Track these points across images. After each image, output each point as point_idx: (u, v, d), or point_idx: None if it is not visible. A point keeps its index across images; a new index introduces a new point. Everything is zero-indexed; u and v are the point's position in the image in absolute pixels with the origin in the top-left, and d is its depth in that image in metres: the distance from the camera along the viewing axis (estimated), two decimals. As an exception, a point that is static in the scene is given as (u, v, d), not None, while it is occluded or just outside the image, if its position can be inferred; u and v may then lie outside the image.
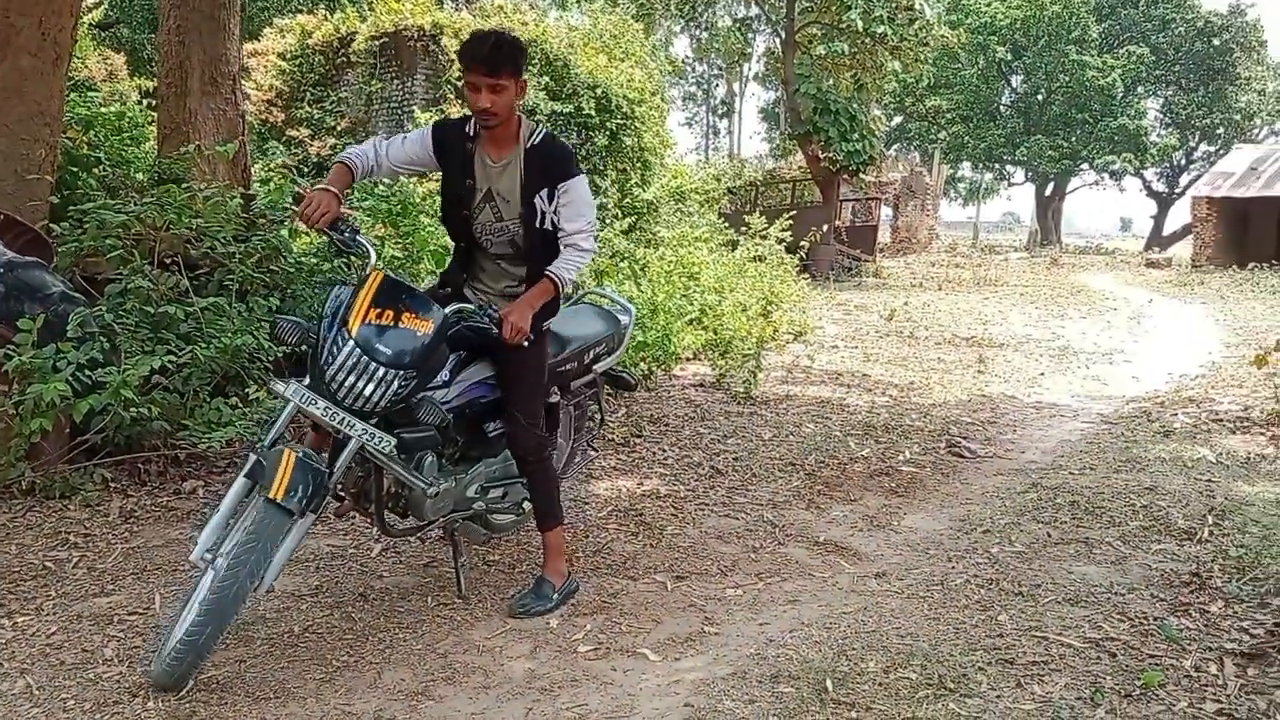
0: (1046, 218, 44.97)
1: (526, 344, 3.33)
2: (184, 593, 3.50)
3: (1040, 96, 41.26)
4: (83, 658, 3.15)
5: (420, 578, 3.94)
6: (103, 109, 7.06)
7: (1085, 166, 42.41)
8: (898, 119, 42.60)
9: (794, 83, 20.55)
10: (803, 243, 13.24)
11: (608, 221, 12.66)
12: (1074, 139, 40.01)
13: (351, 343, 3.05)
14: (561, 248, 3.47)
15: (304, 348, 3.22)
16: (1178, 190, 43.93)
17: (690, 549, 4.35)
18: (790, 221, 13.68)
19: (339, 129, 13.73)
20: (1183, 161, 44.02)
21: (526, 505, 3.87)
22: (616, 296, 4.55)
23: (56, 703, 2.89)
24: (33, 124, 5.21)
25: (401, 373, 3.07)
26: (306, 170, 11.18)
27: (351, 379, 3.04)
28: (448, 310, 3.25)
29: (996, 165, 45.27)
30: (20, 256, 4.47)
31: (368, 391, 3.05)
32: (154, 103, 7.17)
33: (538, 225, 3.46)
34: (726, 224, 15.96)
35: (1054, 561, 4.22)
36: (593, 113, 13.20)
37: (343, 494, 3.42)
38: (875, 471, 5.62)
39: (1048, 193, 45.05)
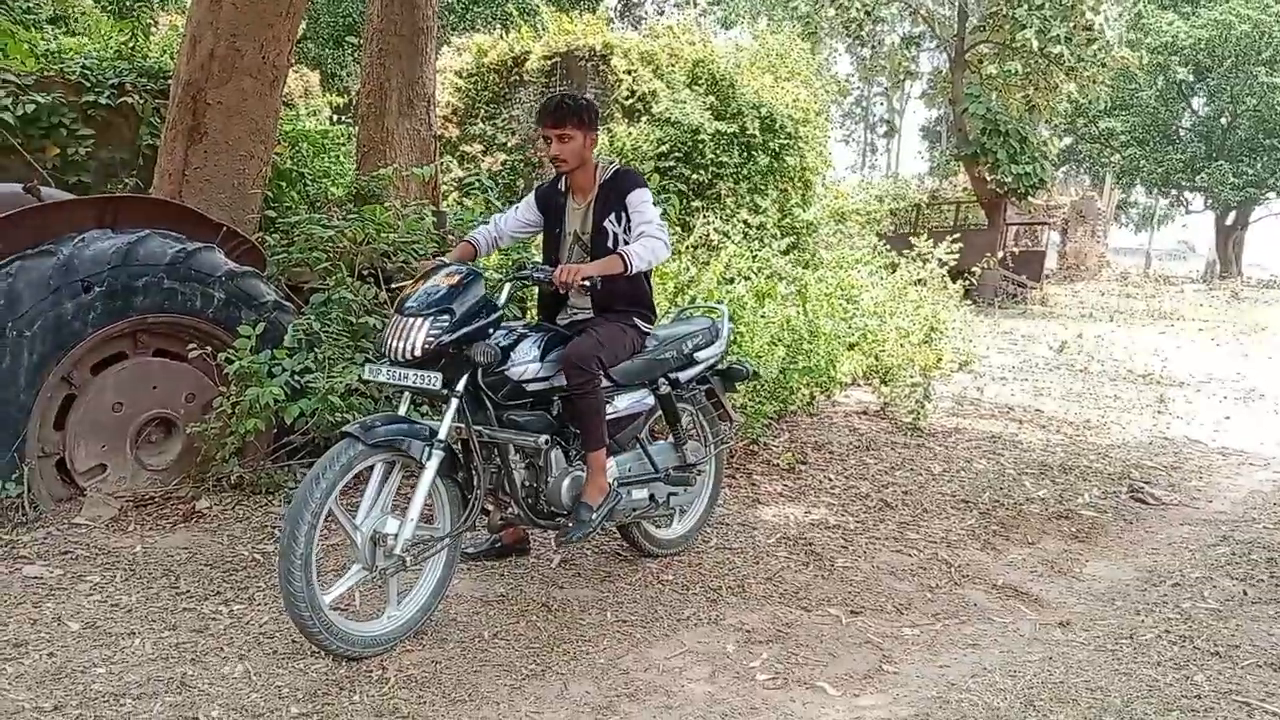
0: (1226, 248, 42.32)
1: (585, 285, 3.61)
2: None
3: (1224, 120, 38.90)
4: (293, 647, 3.36)
5: (598, 591, 4.04)
6: (305, 127, 7.51)
7: (1272, 195, 39.75)
8: (1068, 140, 40.96)
9: (962, 102, 20.06)
10: (973, 269, 12.87)
11: (766, 241, 12.66)
12: (1260, 165, 37.54)
13: (396, 315, 3.44)
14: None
15: None
16: (1378, 222, 40.62)
17: (863, 583, 4.31)
18: (957, 244, 13.37)
19: (510, 145, 14.18)
20: (1385, 192, 40.74)
21: (679, 506, 4.31)
22: (709, 305, 5.08)
23: (272, 689, 3.10)
24: (250, 141, 5.63)
25: (431, 315, 3.33)
26: (481, 185, 11.58)
27: (397, 341, 3.34)
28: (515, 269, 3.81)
29: (1173, 191, 42.93)
30: (239, 266, 4.81)
31: (410, 341, 3.31)
32: (347, 120, 7.60)
33: (609, 246, 3.83)
34: (887, 246, 15.69)
35: (1252, 621, 3.99)
36: (756, 132, 13.20)
37: (490, 506, 3.81)
38: (1053, 514, 5.44)
39: (1229, 222, 42.39)
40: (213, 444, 4.60)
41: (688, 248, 11.51)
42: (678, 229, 11.94)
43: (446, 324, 3.33)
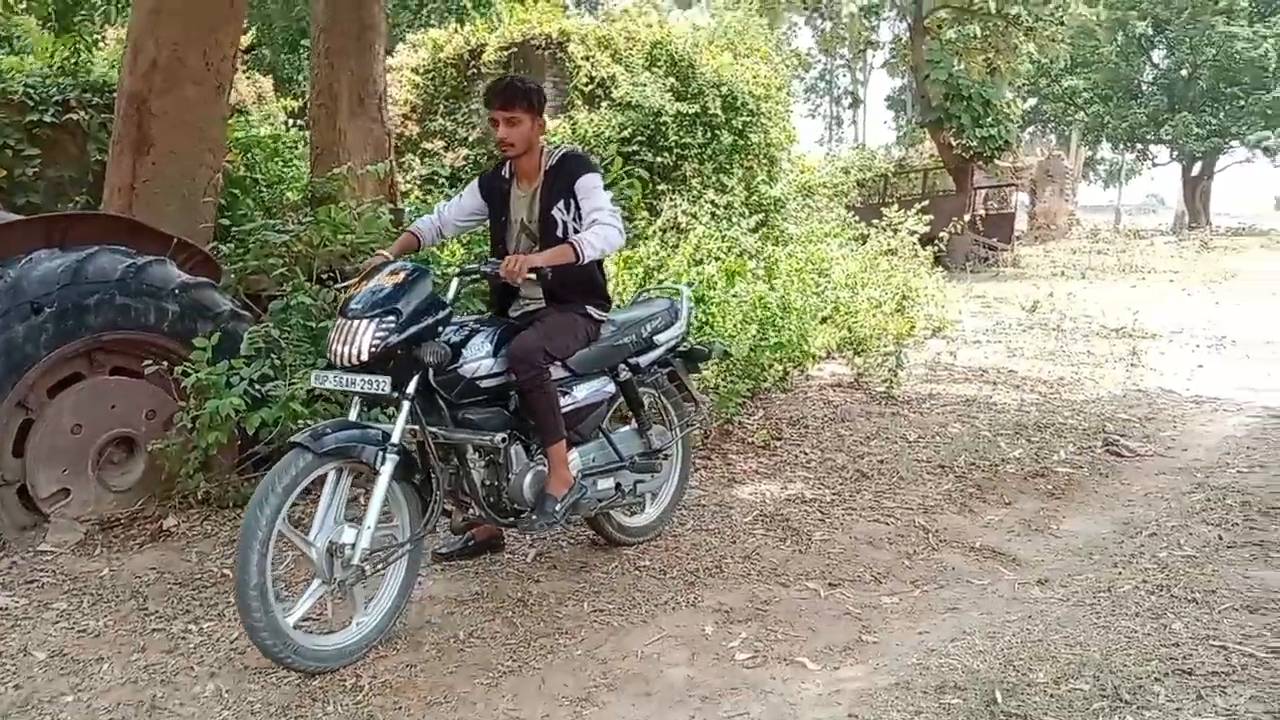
0: (1194, 199, 42.62)
1: (531, 277, 3.51)
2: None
3: (1185, 72, 39.13)
4: (264, 663, 3.29)
5: (575, 582, 4.01)
6: (258, 133, 7.41)
7: (1236, 144, 40.01)
8: (1032, 101, 41.07)
9: (924, 69, 20.05)
10: (940, 234, 12.88)
11: (734, 220, 12.63)
12: (1223, 115, 37.78)
13: (340, 318, 3.34)
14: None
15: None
16: (1342, 163, 40.96)
17: (841, 555, 4.30)
18: (925, 213, 13.37)
19: (471, 140, 14.07)
20: (1347, 132, 41.06)
21: (648, 493, 4.29)
22: (669, 286, 5.07)
23: (244, 705, 3.06)
24: (198, 150, 5.54)
25: (377, 316, 3.23)
26: (441, 180, 11.48)
27: (341, 345, 3.25)
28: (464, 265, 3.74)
29: (1139, 146, 43.15)
30: (192, 277, 4.73)
31: (356, 344, 3.21)
32: (301, 123, 7.50)
33: (559, 235, 3.73)
34: (856, 218, 15.69)
35: (1228, 566, 4.00)
36: (719, 111, 13.14)
37: (450, 508, 3.75)
38: (1029, 473, 5.44)
39: (1195, 172, 42.67)
40: (175, 460, 4.53)
41: (655, 231, 11.47)
42: (645, 213, 11.91)
43: (393, 324, 3.24)
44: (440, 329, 3.44)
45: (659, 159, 12.74)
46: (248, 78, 10.12)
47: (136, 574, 4.06)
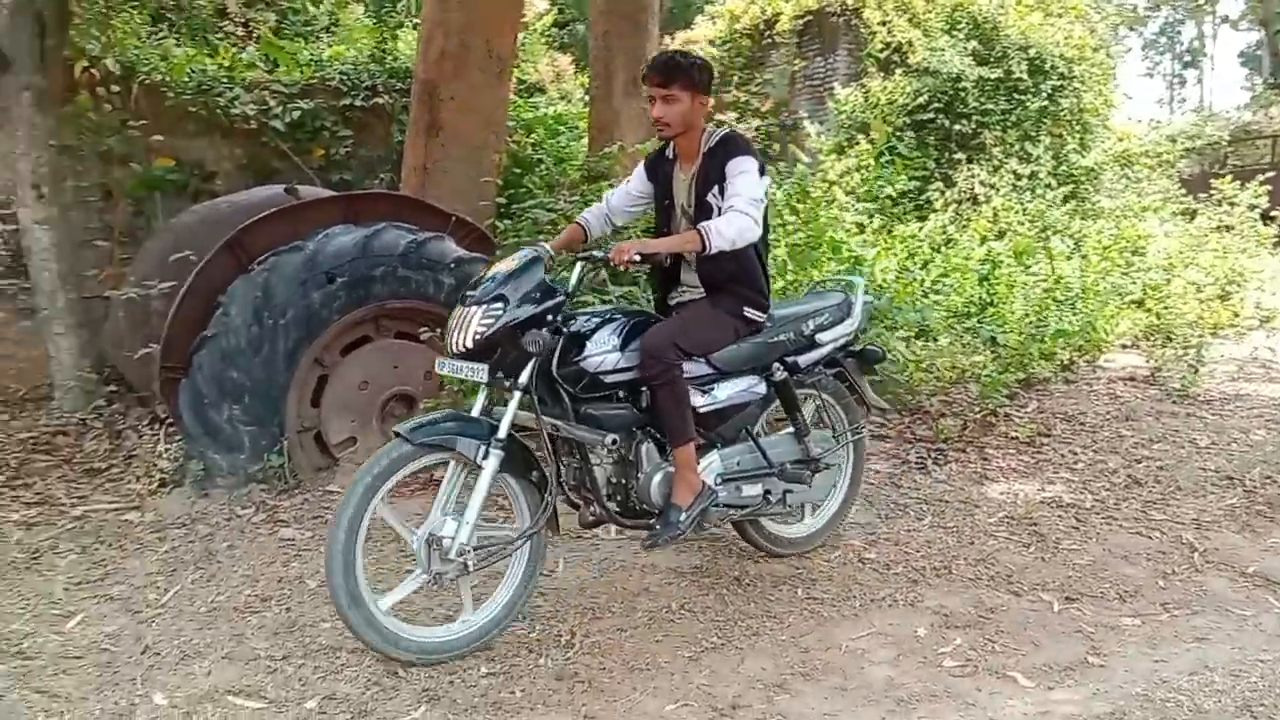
0: None
1: (637, 260, 3.24)
2: (585, 558, 3.91)
3: None
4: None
5: (793, 567, 4.01)
6: (543, 112, 7.86)
7: None
8: None
9: (1274, 23, 17.65)
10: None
11: (1039, 192, 11.82)
12: None
13: (458, 305, 3.29)
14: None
15: None
16: None
17: (1087, 567, 4.00)
18: (1268, 185, 11.86)
19: (764, 110, 14.08)
20: None
21: (807, 502, 4.00)
22: (846, 279, 4.47)
23: (399, 669, 3.33)
24: (481, 132, 5.98)
25: (485, 304, 3.17)
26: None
27: (454, 333, 3.22)
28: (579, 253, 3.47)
29: None
30: (467, 253, 5.14)
31: (464, 332, 3.18)
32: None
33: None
34: (1184, 191, 14.15)
35: None
36: (1024, 75, 12.32)
37: (577, 502, 3.56)
38: (1338, 494, 4.77)
39: None
40: (443, 418, 4.96)
41: (947, 204, 10.98)
42: (938, 184, 11.42)
43: (500, 311, 3.16)
44: (551, 316, 3.26)
45: (956, 126, 12.18)
46: (549, 57, 10.69)
47: (405, 518, 4.51)
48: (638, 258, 3.23)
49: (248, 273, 4.73)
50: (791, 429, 3.92)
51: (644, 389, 3.44)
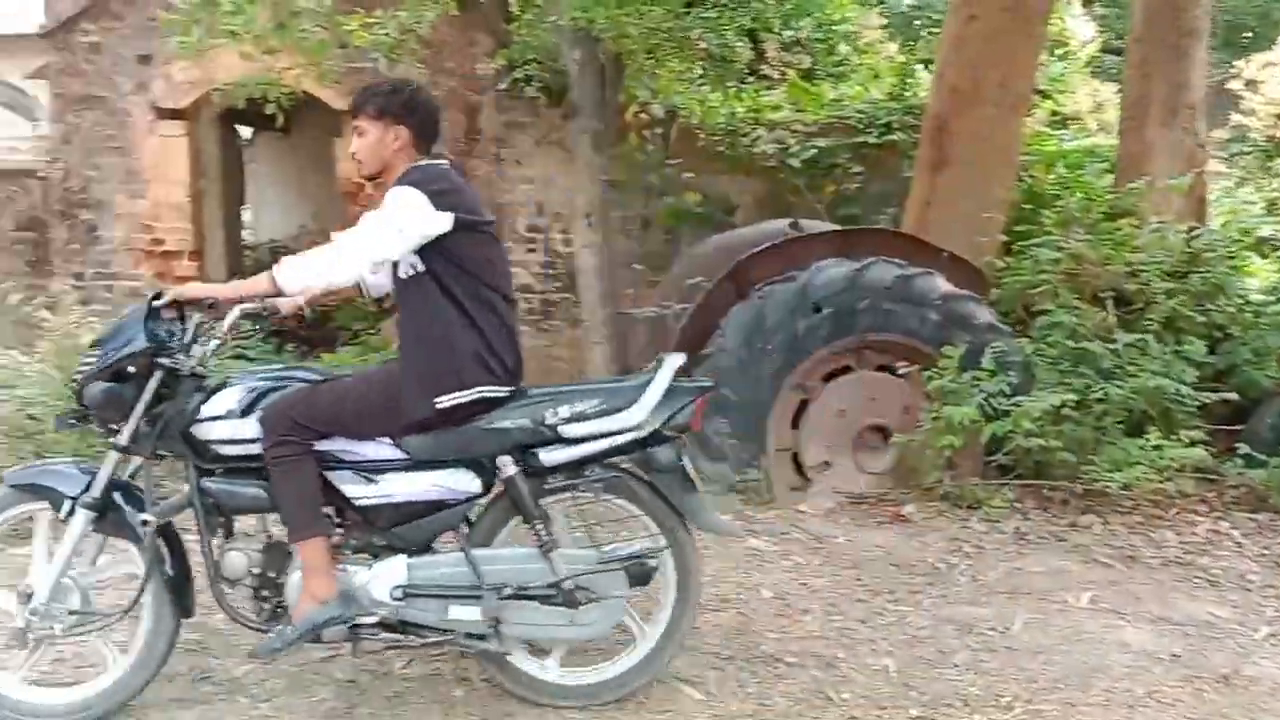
0: None
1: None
2: (1046, 623, 3.69)
3: None
4: (936, 657, 3.51)
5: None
6: (1070, 145, 7.45)
7: None
8: None
9: None
10: None
11: None
12: None
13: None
14: None
15: None
16: None
17: None
18: None
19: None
20: None
21: (553, 642, 3.10)
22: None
23: (901, 687, 3.30)
24: (990, 166, 5.86)
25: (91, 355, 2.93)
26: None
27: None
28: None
29: None
30: (956, 290, 5.08)
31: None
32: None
33: (399, 275, 2.92)
34: None
35: None
36: None
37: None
38: None
39: None
40: (917, 455, 4.95)
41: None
42: None
43: (93, 363, 2.88)
44: (129, 368, 2.84)
45: None
46: (1088, 87, 10.07)
47: (865, 549, 4.58)
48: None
49: (745, 300, 5.12)
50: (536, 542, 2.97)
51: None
